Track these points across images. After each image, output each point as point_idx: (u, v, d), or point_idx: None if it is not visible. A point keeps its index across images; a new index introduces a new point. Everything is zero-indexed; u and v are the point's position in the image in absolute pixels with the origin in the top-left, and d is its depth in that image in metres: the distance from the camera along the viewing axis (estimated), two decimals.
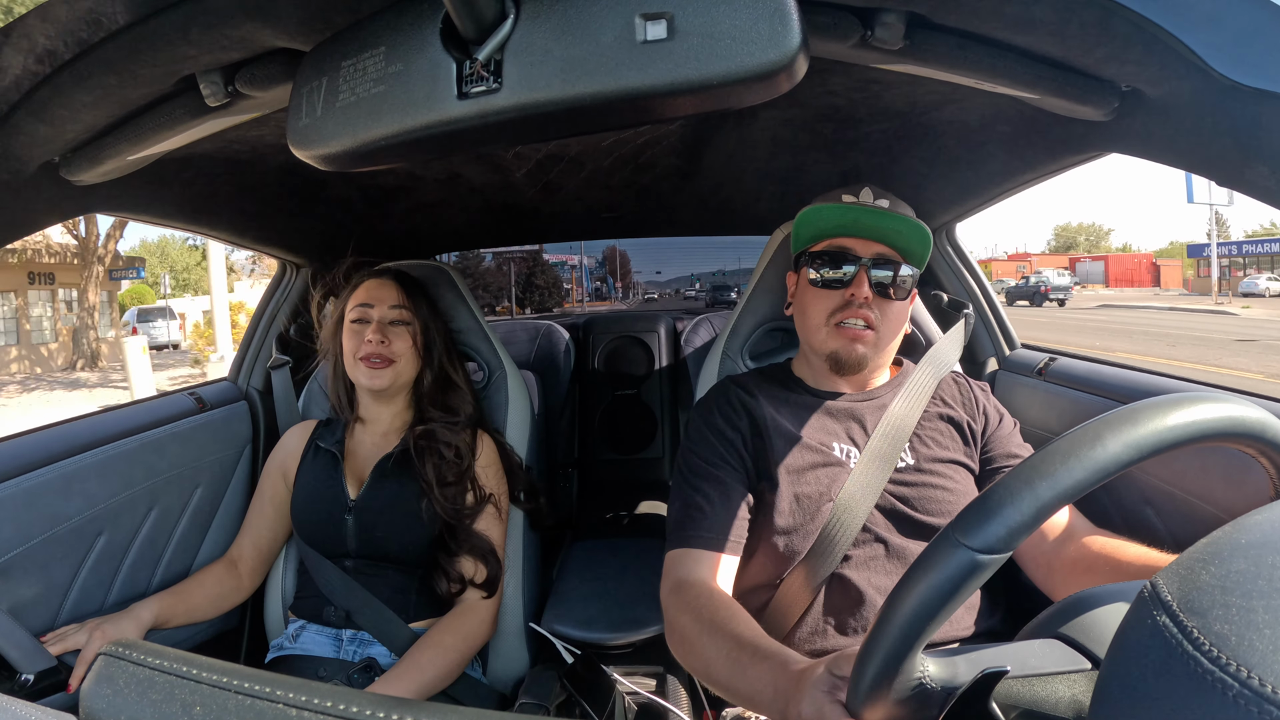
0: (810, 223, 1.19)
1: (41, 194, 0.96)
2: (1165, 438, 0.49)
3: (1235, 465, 0.97)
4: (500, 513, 1.45)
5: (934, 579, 0.49)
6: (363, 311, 1.42)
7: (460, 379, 1.50)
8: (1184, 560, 0.38)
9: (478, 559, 1.37)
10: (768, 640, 0.84)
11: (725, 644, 0.87)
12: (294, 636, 1.36)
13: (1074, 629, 0.57)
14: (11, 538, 1.14)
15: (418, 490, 1.36)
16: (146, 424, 1.44)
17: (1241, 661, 0.30)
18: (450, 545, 1.36)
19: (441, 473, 1.37)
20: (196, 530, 1.54)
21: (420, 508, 1.35)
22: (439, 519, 1.35)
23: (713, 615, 0.93)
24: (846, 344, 1.15)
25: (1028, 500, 0.48)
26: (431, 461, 1.37)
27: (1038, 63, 0.80)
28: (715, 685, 0.89)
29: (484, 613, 1.37)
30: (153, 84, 0.82)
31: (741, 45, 0.58)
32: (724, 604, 0.95)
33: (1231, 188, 0.74)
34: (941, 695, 0.52)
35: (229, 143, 1.17)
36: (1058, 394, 1.41)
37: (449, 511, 1.35)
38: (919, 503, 1.10)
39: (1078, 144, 1.05)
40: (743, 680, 0.81)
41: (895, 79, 1.05)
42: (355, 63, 0.70)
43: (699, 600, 0.97)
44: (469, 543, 1.37)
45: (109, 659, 0.50)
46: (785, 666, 0.75)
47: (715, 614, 0.93)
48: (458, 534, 1.36)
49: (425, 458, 1.37)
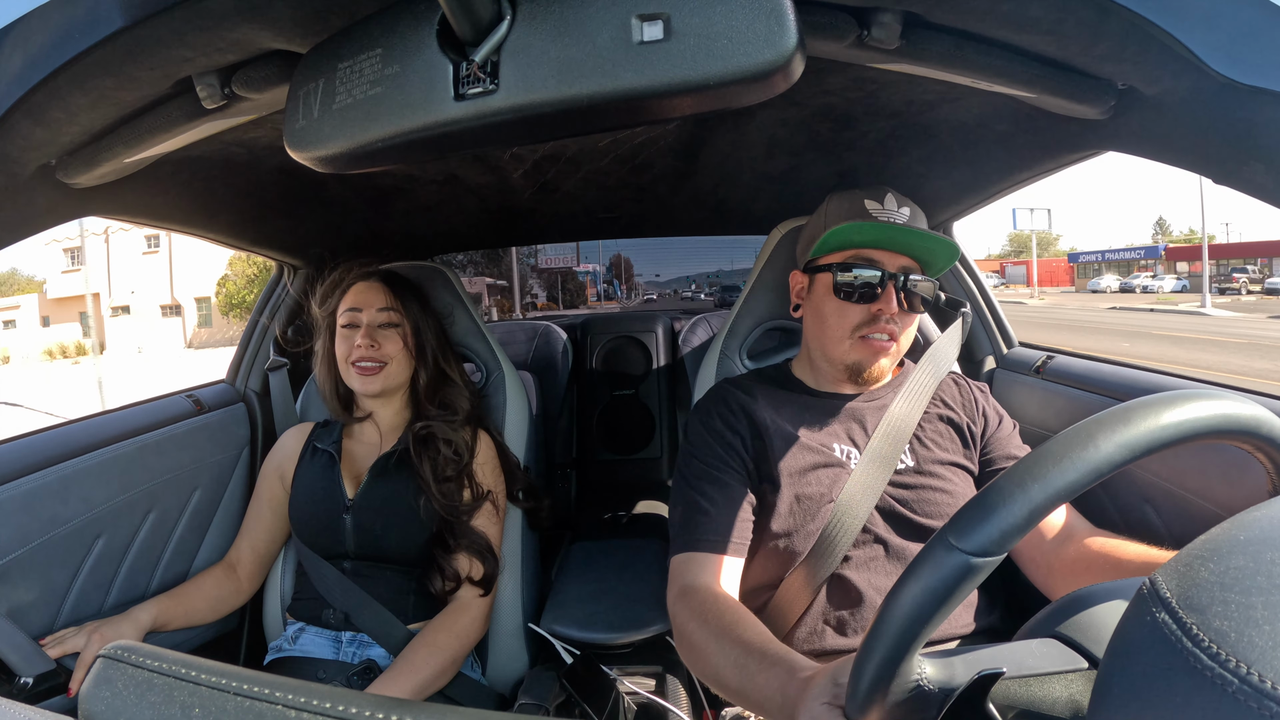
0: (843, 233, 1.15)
1: (38, 197, 0.96)
2: (1158, 437, 0.49)
3: (1234, 462, 0.97)
4: (498, 510, 1.45)
5: (928, 582, 0.49)
6: (352, 316, 1.43)
7: (457, 375, 1.50)
8: (1183, 557, 0.38)
9: (474, 556, 1.37)
10: (776, 646, 0.84)
11: (734, 651, 0.86)
12: (293, 638, 1.36)
13: (1071, 628, 0.57)
14: (10, 541, 1.14)
15: (415, 488, 1.36)
16: (145, 426, 1.44)
17: (1241, 658, 0.30)
18: (448, 542, 1.36)
19: (439, 469, 1.37)
20: (195, 532, 1.54)
21: (418, 505, 1.35)
22: (436, 516, 1.35)
23: (719, 621, 0.93)
24: (870, 355, 1.15)
25: (1020, 503, 0.48)
26: (429, 458, 1.38)
27: (1034, 61, 0.80)
28: (725, 692, 0.89)
29: (477, 610, 1.37)
30: (149, 86, 0.81)
31: (738, 45, 0.58)
32: (731, 609, 0.95)
33: (1228, 185, 0.74)
34: (940, 697, 0.52)
35: (226, 145, 1.17)
36: (1056, 392, 1.41)
37: (446, 508, 1.35)
38: (918, 505, 1.11)
39: (1074, 142, 1.05)
40: (752, 687, 0.81)
41: (892, 78, 1.05)
42: (352, 64, 0.70)
43: (706, 606, 0.97)
44: (466, 539, 1.37)
45: (108, 661, 0.50)
46: (793, 673, 0.75)
47: (722, 620, 0.93)
48: (455, 530, 1.36)
49: (424, 454, 1.38)
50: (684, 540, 1.09)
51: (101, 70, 0.75)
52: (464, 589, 1.37)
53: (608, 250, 5.06)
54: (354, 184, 1.58)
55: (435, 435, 1.40)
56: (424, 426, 1.41)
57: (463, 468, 1.40)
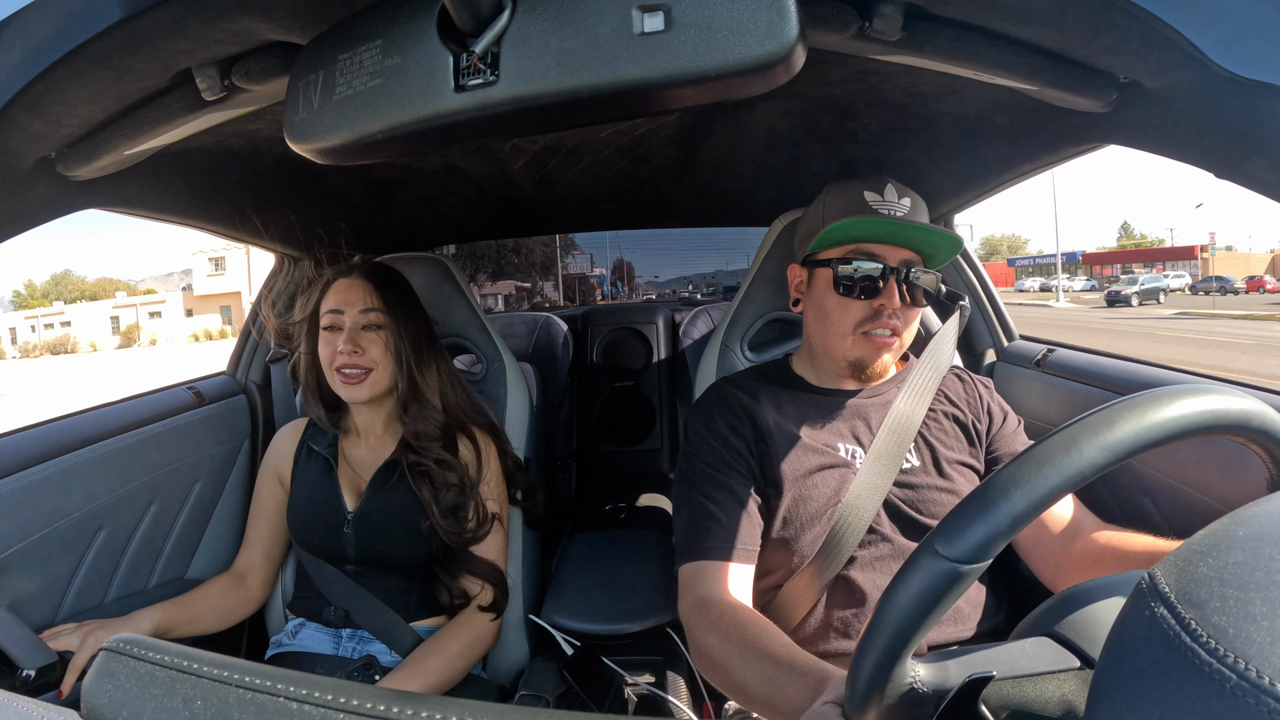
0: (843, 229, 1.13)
1: (38, 190, 0.96)
2: (1143, 438, 0.49)
3: (1233, 456, 0.97)
4: (502, 523, 1.43)
5: (915, 589, 0.50)
6: (333, 318, 1.34)
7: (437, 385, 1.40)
8: (1182, 552, 0.38)
9: (482, 581, 1.36)
10: (803, 656, 0.82)
11: (760, 663, 0.84)
12: (293, 634, 1.36)
13: (1065, 626, 0.57)
14: (11, 534, 1.14)
15: (418, 502, 1.33)
16: (145, 419, 1.44)
17: (1239, 653, 0.31)
18: (449, 566, 1.34)
19: (441, 500, 1.32)
20: (196, 525, 1.55)
21: (420, 521, 1.32)
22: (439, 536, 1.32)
23: (741, 634, 0.91)
24: (873, 352, 1.14)
25: (1003, 510, 0.49)
26: (429, 489, 1.32)
27: (1036, 54, 0.80)
28: (752, 705, 0.87)
29: (491, 626, 1.36)
30: (149, 78, 0.81)
31: (739, 37, 0.58)
32: (751, 621, 0.93)
33: (1230, 180, 0.74)
34: (934, 699, 0.53)
35: (226, 137, 1.16)
36: (1056, 385, 1.41)
37: (451, 538, 1.32)
38: (924, 505, 1.10)
39: (1076, 135, 1.04)
40: (781, 698, 0.79)
41: (893, 70, 1.04)
42: (352, 56, 0.70)
43: (724, 619, 0.95)
44: (469, 566, 1.35)
45: (110, 655, 0.50)
46: (824, 681, 0.74)
47: (744, 632, 0.91)
48: (457, 557, 1.34)
49: (421, 485, 1.33)
50: (694, 549, 1.07)
51: (101, 62, 0.75)
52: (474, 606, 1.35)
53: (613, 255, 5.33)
54: (354, 175, 1.58)
55: (429, 470, 1.34)
56: (416, 463, 1.34)
57: (466, 495, 1.35)
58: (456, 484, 1.34)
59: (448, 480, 1.34)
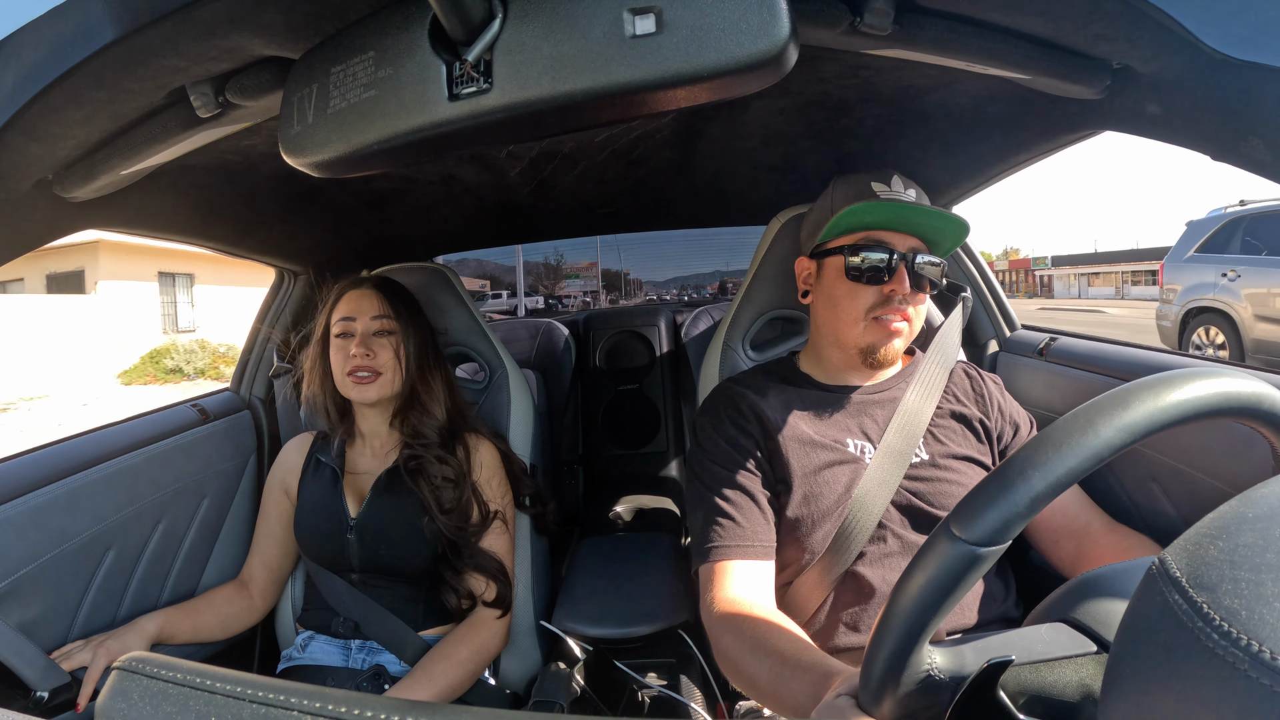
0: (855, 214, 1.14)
1: (36, 212, 0.96)
2: (1158, 419, 0.49)
3: (1240, 439, 0.97)
4: (507, 524, 1.43)
5: (933, 573, 0.50)
6: (346, 325, 1.39)
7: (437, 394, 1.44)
8: (1191, 536, 0.38)
9: (487, 577, 1.36)
10: (810, 654, 0.84)
11: (769, 660, 0.86)
12: (302, 647, 1.37)
13: (1080, 612, 0.57)
14: (21, 556, 1.14)
15: (419, 505, 1.34)
16: (151, 437, 1.44)
17: (1253, 635, 0.30)
18: (455, 563, 1.35)
19: (439, 496, 1.34)
20: (204, 541, 1.55)
21: (422, 524, 1.34)
22: (442, 535, 1.34)
23: (753, 631, 0.92)
24: (884, 337, 1.14)
25: (1021, 491, 0.49)
26: (427, 485, 1.35)
27: (1028, 43, 0.80)
28: (764, 701, 0.89)
29: (497, 626, 1.36)
30: (143, 97, 0.81)
31: (731, 36, 0.58)
32: (765, 619, 0.95)
33: (1226, 162, 0.74)
34: (951, 685, 0.53)
35: (222, 153, 1.17)
36: (1059, 373, 1.40)
37: (453, 532, 1.33)
38: (934, 498, 1.10)
39: (1071, 123, 1.04)
40: (787, 694, 0.81)
41: (886, 64, 1.04)
42: (345, 68, 0.70)
43: (740, 618, 0.96)
44: (475, 561, 1.36)
45: (123, 673, 0.50)
46: (828, 676, 0.75)
47: (756, 630, 0.92)
48: (462, 552, 1.35)
49: (420, 482, 1.35)
50: (710, 550, 1.07)
51: (95, 83, 0.75)
52: (480, 606, 1.36)
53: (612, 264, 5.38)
54: (351, 188, 1.58)
55: (425, 466, 1.37)
56: (412, 458, 1.38)
57: (463, 493, 1.37)
58: (454, 479, 1.37)
59: (445, 475, 1.36)
